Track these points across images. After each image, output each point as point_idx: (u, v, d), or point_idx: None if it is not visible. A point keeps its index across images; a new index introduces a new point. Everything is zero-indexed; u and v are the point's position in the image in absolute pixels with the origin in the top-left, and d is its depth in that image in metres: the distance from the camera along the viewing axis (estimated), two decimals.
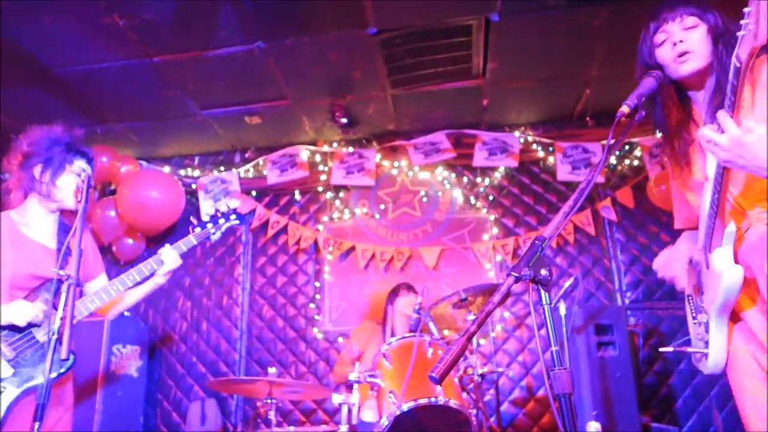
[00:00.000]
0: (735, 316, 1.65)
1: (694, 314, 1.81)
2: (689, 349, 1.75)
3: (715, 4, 1.70)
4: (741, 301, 1.59)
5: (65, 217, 2.42)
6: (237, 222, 2.67)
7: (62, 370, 2.15)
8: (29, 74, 4.22)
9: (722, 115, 1.37)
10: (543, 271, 1.23)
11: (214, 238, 2.58)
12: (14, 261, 2.18)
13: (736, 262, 1.57)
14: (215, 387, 3.35)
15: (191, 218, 2.60)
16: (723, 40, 1.63)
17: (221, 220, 2.61)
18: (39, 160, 2.28)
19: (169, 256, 2.39)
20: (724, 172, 1.47)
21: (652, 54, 1.72)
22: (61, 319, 1.79)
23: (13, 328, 2.12)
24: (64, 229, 2.38)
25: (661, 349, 2.00)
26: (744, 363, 1.62)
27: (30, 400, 2.03)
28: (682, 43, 1.64)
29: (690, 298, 1.86)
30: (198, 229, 2.55)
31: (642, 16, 1.79)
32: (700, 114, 1.75)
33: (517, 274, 1.23)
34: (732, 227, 1.56)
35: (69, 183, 2.30)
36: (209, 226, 2.58)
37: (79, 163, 2.34)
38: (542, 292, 1.26)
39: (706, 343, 1.68)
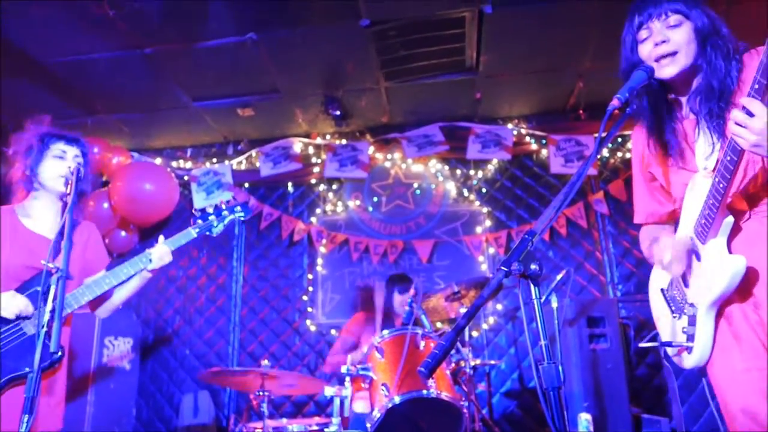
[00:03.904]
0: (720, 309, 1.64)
1: (672, 307, 1.80)
2: (674, 343, 1.73)
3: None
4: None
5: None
6: (242, 215, 2.55)
7: (47, 363, 2.13)
8: (17, 66, 4.17)
9: (749, 101, 1.33)
10: (533, 266, 1.23)
11: (216, 231, 2.50)
12: (9, 252, 2.19)
13: (730, 253, 1.57)
14: (207, 379, 3.34)
15: (194, 210, 2.54)
16: (711, 41, 1.60)
17: (225, 212, 2.54)
18: (24, 156, 2.34)
19: (161, 250, 2.37)
20: (738, 162, 1.43)
21: (634, 49, 1.70)
22: (51, 312, 1.78)
23: (1, 320, 2.11)
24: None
25: (642, 344, 2.00)
26: (732, 355, 1.61)
27: (16, 392, 2.03)
28: (664, 44, 1.62)
29: (665, 291, 1.85)
30: (200, 221, 2.50)
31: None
32: (683, 110, 1.74)
33: (507, 269, 1.23)
34: (730, 219, 1.56)
35: (51, 167, 2.31)
36: (212, 218, 2.51)
37: (58, 146, 2.34)
38: (532, 286, 1.25)
39: (690, 336, 1.66)
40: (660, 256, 1.75)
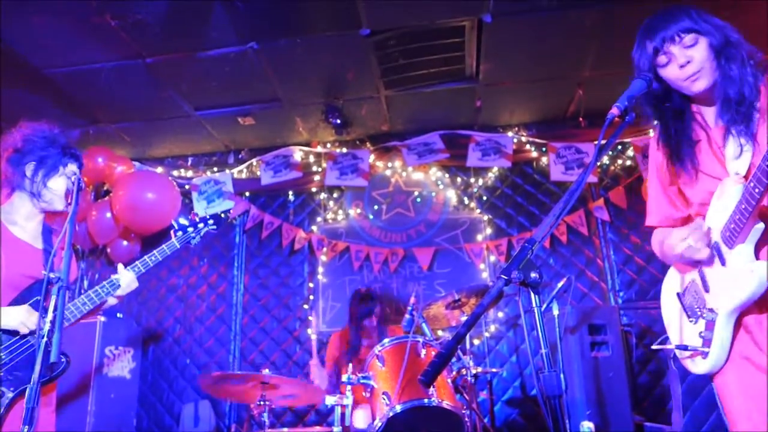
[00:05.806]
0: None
1: (688, 312, 1.79)
2: (690, 347, 1.71)
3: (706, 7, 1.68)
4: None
5: (48, 219, 2.39)
6: (214, 227, 2.77)
7: (56, 374, 2.14)
8: (19, 75, 4.19)
9: None
10: (533, 274, 1.23)
11: (194, 242, 2.67)
12: (5, 260, 2.15)
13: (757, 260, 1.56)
14: (208, 384, 3.32)
15: (172, 222, 2.70)
16: (725, 53, 1.61)
17: (200, 225, 2.70)
18: (32, 159, 2.26)
19: (125, 279, 2.37)
20: None
21: (654, 71, 1.69)
22: (51, 322, 1.77)
23: (9, 332, 2.09)
24: (47, 231, 2.36)
25: (654, 346, 1.97)
26: (743, 363, 1.60)
27: (19, 402, 2.04)
28: (690, 65, 1.63)
29: (681, 295, 1.84)
30: (180, 233, 2.63)
31: (632, 18, 1.76)
32: (705, 120, 1.75)
33: (506, 277, 1.23)
34: (761, 225, 1.54)
35: (60, 185, 2.29)
36: (190, 230, 2.66)
37: (72, 167, 2.33)
38: (532, 294, 1.26)
39: (707, 341, 1.65)
40: (680, 246, 1.68)
